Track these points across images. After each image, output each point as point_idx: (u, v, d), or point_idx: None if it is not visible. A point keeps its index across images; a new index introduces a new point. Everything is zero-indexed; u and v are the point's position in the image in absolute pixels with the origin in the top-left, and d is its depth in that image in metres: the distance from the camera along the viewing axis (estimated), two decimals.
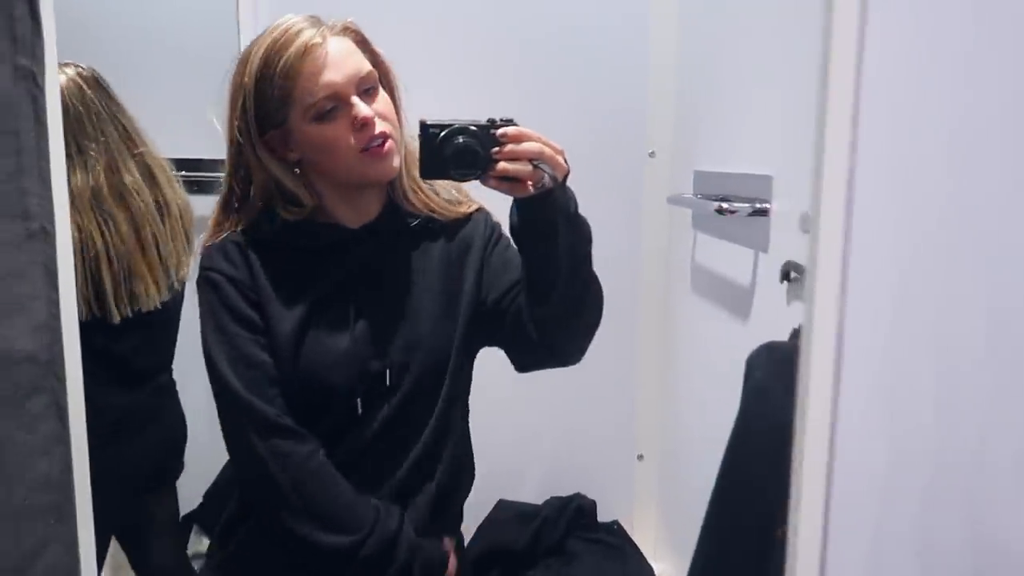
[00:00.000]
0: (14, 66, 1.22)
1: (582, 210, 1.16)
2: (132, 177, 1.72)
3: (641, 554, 1.78)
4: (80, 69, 1.66)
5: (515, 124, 1.00)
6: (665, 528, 1.91)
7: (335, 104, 1.11)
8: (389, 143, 1.13)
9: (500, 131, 0.99)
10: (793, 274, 1.09)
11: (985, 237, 0.61)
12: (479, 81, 1.46)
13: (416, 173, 1.19)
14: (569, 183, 1.07)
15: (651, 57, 1.77)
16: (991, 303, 0.65)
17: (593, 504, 1.88)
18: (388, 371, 1.17)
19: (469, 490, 1.32)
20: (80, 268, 1.63)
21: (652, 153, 1.80)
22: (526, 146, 0.98)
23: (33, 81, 1.24)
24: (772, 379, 0.82)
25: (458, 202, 1.28)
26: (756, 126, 1.35)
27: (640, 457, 1.93)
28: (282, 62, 1.08)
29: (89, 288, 1.67)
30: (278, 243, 1.20)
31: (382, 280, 1.21)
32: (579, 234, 1.06)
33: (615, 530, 1.88)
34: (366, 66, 1.14)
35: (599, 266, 1.65)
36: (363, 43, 1.17)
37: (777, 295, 1.16)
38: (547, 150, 0.99)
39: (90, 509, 1.49)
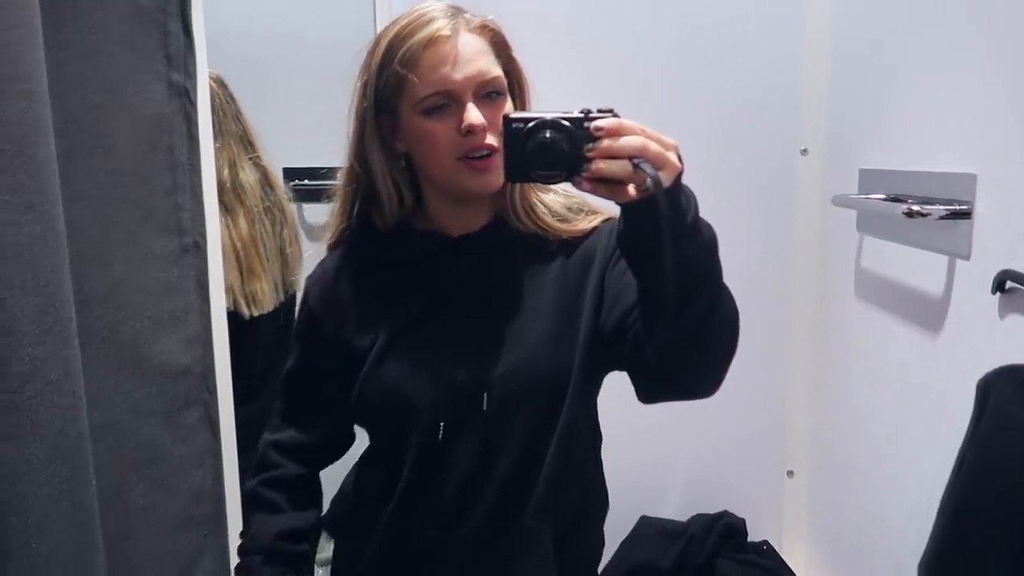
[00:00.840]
0: (168, 83, 1.24)
1: (728, 211, 1.02)
2: (248, 178, 1.75)
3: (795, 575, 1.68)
4: (208, 69, 1.70)
5: (616, 115, 0.83)
6: (817, 548, 1.79)
7: (446, 102, 1.03)
8: (495, 158, 1.03)
9: (594, 124, 0.82)
10: (1010, 283, 0.97)
11: None
12: (622, 78, 1.39)
13: (531, 193, 1.11)
14: (716, 182, 0.92)
15: (804, 44, 1.63)
16: None
17: (743, 522, 1.77)
18: (486, 395, 1.06)
19: (599, 523, 1.22)
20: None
21: (805, 150, 1.69)
22: (625, 141, 0.81)
23: (187, 97, 1.26)
24: (1019, 407, 0.72)
25: (580, 215, 1.14)
26: (942, 119, 1.21)
27: (790, 473, 1.82)
28: (405, 48, 1.02)
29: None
30: (375, 254, 1.16)
31: (485, 296, 1.11)
32: (696, 246, 0.86)
33: (765, 551, 1.77)
34: (493, 70, 1.04)
35: (746, 269, 1.56)
36: (500, 45, 1.07)
37: (983, 307, 1.03)
38: (652, 145, 0.81)
39: (240, 520, 1.52)
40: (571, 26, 1.65)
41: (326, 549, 2.14)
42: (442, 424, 1.07)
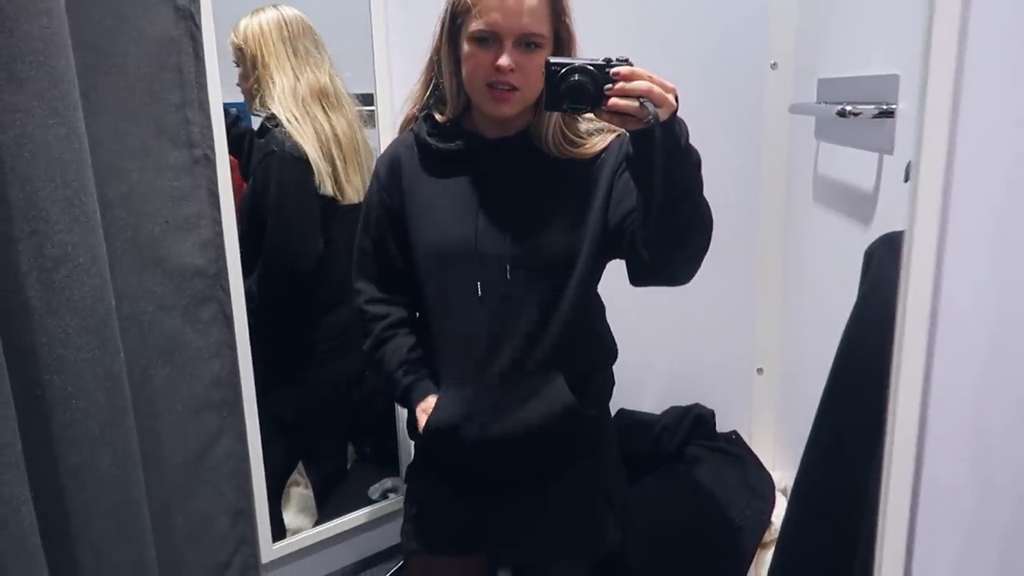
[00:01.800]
0: (175, 6, 1.34)
1: (704, 125, 1.19)
2: (341, 86, 1.90)
3: (760, 462, 1.81)
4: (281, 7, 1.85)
5: (630, 64, 1.07)
6: (783, 439, 1.92)
7: (491, 38, 1.23)
8: (512, 95, 1.25)
9: (614, 70, 1.07)
10: None
11: None
12: (602, 4, 1.46)
13: (567, 130, 1.32)
14: (692, 100, 1.12)
15: None
16: None
17: (711, 414, 1.91)
18: (508, 267, 1.29)
19: (607, 368, 1.44)
20: (319, 151, 1.83)
21: (774, 64, 1.76)
22: (635, 84, 1.05)
23: (192, 20, 1.36)
24: (890, 268, 0.83)
25: (598, 134, 1.36)
26: (880, 25, 1.29)
27: (760, 371, 1.94)
28: None
29: (329, 166, 1.85)
30: (430, 143, 1.36)
31: (511, 187, 1.32)
32: (685, 165, 1.11)
33: (733, 439, 1.90)
34: (537, 26, 1.24)
35: (721, 180, 1.66)
36: (556, 5, 1.26)
37: (901, 198, 1.13)
38: (656, 89, 1.05)
39: (255, 407, 1.69)
40: None
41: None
42: (479, 283, 1.31)
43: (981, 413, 0.62)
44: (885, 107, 1.17)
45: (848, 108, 1.20)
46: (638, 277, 1.28)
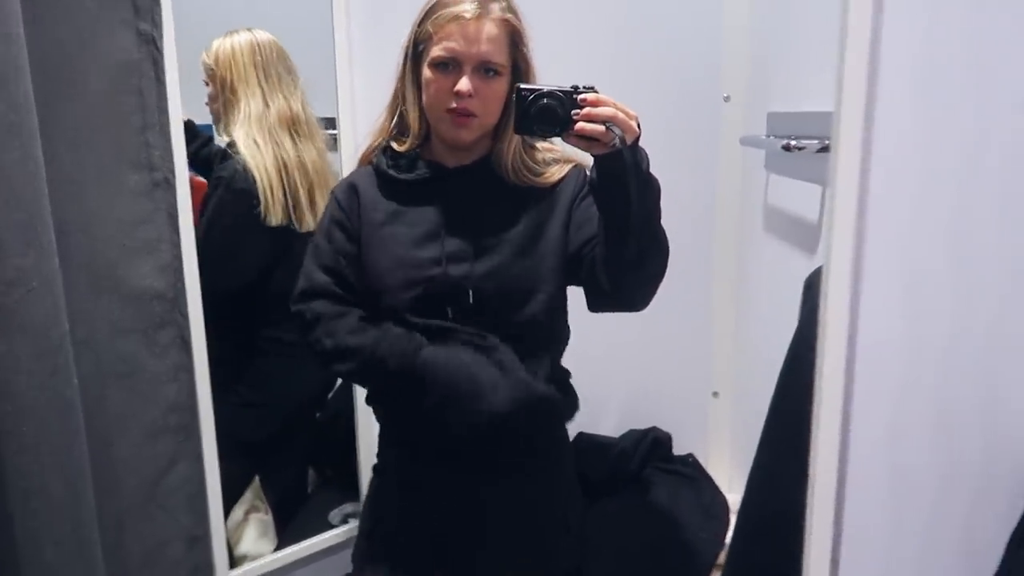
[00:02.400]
0: (137, 31, 1.35)
1: (660, 154, 1.23)
2: (312, 115, 1.90)
3: (715, 484, 1.84)
4: (254, 31, 1.85)
5: (595, 91, 1.12)
6: (739, 462, 1.95)
7: (451, 64, 1.27)
8: (471, 120, 1.28)
9: (581, 96, 1.12)
10: None
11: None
12: (552, 29, 1.50)
13: (526, 156, 1.35)
14: (648, 129, 1.16)
15: (724, 3, 1.77)
16: (1007, 187, 0.67)
17: (668, 437, 1.93)
18: (471, 292, 1.31)
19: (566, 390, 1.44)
20: (279, 180, 1.82)
21: (727, 97, 1.81)
22: (602, 110, 1.10)
23: (154, 45, 1.37)
24: None
25: (555, 165, 1.39)
26: (822, 61, 1.34)
27: (715, 394, 1.98)
28: (438, 15, 1.28)
29: (287, 197, 1.84)
30: (391, 174, 1.38)
31: (472, 213, 1.34)
32: (648, 191, 1.15)
33: (690, 462, 1.93)
34: (496, 56, 1.27)
35: (676, 209, 1.70)
36: (515, 36, 1.30)
37: None
38: (620, 115, 1.10)
39: (212, 430, 1.67)
40: None
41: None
42: (448, 308, 1.32)
43: (897, 430, 0.65)
44: (828, 142, 1.22)
45: (792, 143, 1.25)
46: (596, 303, 1.31)
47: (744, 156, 1.81)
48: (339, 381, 2.07)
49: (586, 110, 1.11)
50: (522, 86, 1.16)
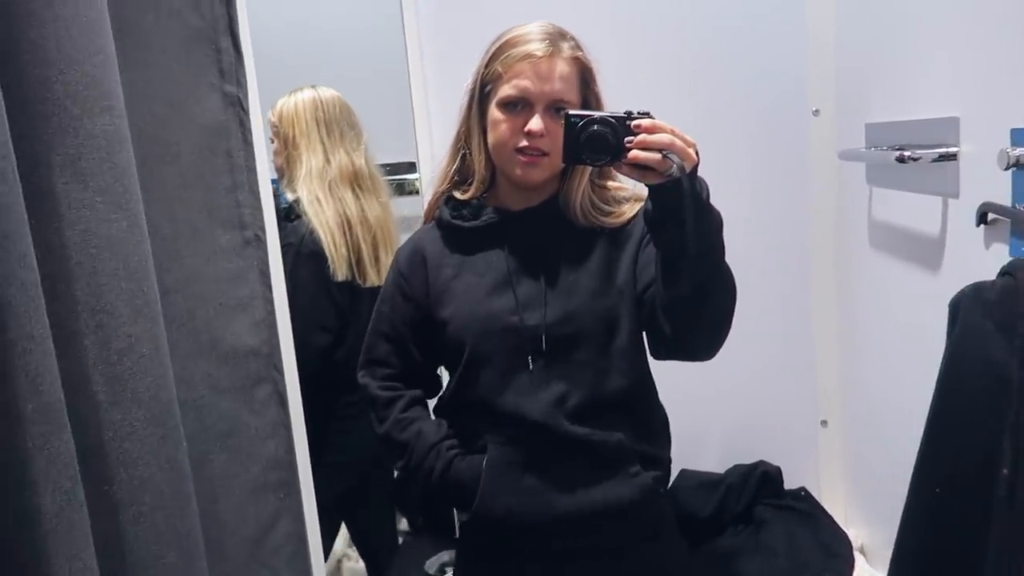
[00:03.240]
0: (223, 93, 1.37)
1: (749, 176, 1.19)
2: (375, 169, 1.93)
3: (833, 519, 1.74)
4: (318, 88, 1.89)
5: (651, 117, 1.06)
6: (855, 494, 1.84)
7: (522, 104, 1.24)
8: (542, 160, 1.25)
9: (635, 122, 1.05)
10: (991, 215, 1.04)
11: None
12: (630, 52, 1.48)
13: (594, 196, 1.32)
14: (733, 149, 1.11)
15: (807, 10, 1.71)
16: None
17: (778, 470, 1.83)
18: (544, 337, 1.26)
19: (663, 442, 1.37)
20: (342, 236, 1.84)
21: (816, 111, 1.75)
22: (657, 137, 1.04)
23: (240, 106, 1.39)
24: (982, 318, 0.80)
25: (627, 203, 1.34)
26: (930, 68, 1.28)
27: (824, 423, 1.88)
28: (508, 54, 1.25)
29: (350, 253, 1.86)
30: (456, 224, 1.35)
31: (542, 256, 1.30)
32: (707, 222, 1.08)
33: (803, 496, 1.83)
34: (567, 94, 1.25)
35: (770, 229, 1.64)
36: (585, 74, 1.28)
37: (972, 241, 1.10)
38: (678, 142, 1.04)
39: (311, 486, 1.66)
40: (597, 9, 1.74)
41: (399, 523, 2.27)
42: (529, 356, 1.28)
43: None
44: (946, 150, 1.15)
45: (907, 153, 1.18)
46: (659, 350, 1.25)
47: (841, 171, 1.73)
48: None
49: (640, 137, 1.04)
50: (571, 112, 1.10)
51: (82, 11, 0.97)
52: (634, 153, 1.05)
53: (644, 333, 1.27)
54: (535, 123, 1.23)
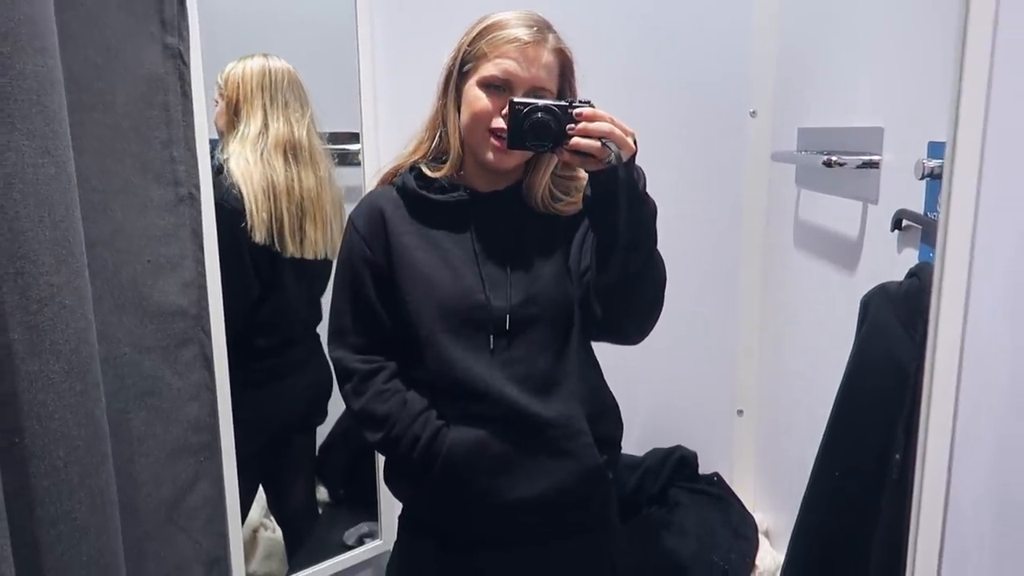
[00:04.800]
0: (163, 45, 1.33)
1: (685, 170, 1.22)
2: (317, 143, 1.90)
3: (742, 504, 1.82)
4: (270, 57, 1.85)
5: (592, 106, 1.09)
6: (764, 481, 1.93)
7: (503, 86, 1.24)
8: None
9: (576, 111, 1.09)
10: (905, 222, 1.10)
11: None
12: (580, 44, 1.49)
13: (555, 189, 1.33)
14: (673, 143, 1.14)
15: (753, 16, 1.76)
16: None
17: (694, 455, 1.91)
18: (508, 317, 1.28)
19: (616, 424, 1.40)
20: (265, 201, 1.81)
21: (754, 112, 1.81)
22: (597, 125, 1.07)
23: (180, 59, 1.35)
24: (888, 315, 0.85)
25: (580, 192, 1.35)
26: (860, 79, 1.34)
27: (740, 412, 1.96)
28: (495, 35, 1.25)
29: (271, 219, 1.83)
30: (424, 195, 1.34)
31: (506, 239, 1.32)
32: (642, 210, 1.11)
33: (715, 481, 1.91)
34: (548, 82, 1.25)
35: (702, 223, 1.69)
36: (565, 69, 1.29)
37: (887, 245, 1.17)
38: (616, 130, 1.07)
39: (233, 450, 1.64)
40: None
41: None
42: (491, 336, 1.28)
43: (1005, 441, 0.63)
44: (869, 158, 1.21)
45: (834, 159, 1.23)
46: (590, 331, 1.29)
47: (772, 171, 1.80)
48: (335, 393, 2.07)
49: (581, 125, 1.08)
50: (515, 100, 1.13)
51: None
52: (574, 140, 1.08)
53: (580, 315, 1.30)
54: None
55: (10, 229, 0.96)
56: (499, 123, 1.23)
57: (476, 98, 1.26)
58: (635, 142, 1.09)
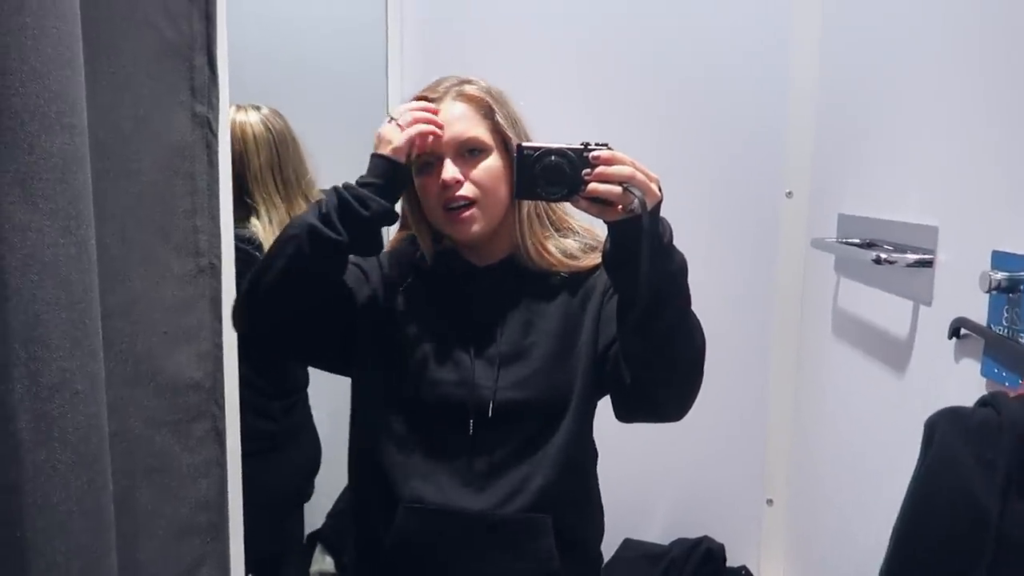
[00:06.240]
0: (192, 113, 1.32)
1: (716, 247, 1.17)
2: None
3: None
4: (265, 111, 1.75)
5: (609, 148, 0.99)
6: (794, 575, 1.85)
7: (432, 160, 1.19)
8: (471, 211, 1.18)
9: (593, 154, 0.98)
10: (963, 331, 1.05)
11: None
12: (618, 123, 1.48)
13: (540, 235, 1.26)
14: (706, 219, 1.08)
15: (790, 97, 1.74)
16: None
17: (721, 548, 1.83)
18: (491, 403, 1.19)
19: (596, 530, 1.32)
20: None
21: (790, 193, 1.77)
22: (617, 169, 0.97)
23: (209, 127, 1.33)
24: (959, 446, 0.79)
25: (591, 253, 1.28)
26: (909, 171, 1.30)
27: (769, 502, 1.88)
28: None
29: None
30: (416, 263, 1.30)
31: (501, 317, 1.24)
32: (671, 265, 1.01)
33: (744, 575, 1.84)
34: (472, 131, 1.20)
35: (734, 305, 1.64)
36: (489, 108, 1.23)
37: (942, 351, 1.11)
38: (639, 175, 0.97)
39: (241, 530, 1.57)
40: (579, 77, 1.75)
41: (320, 562, 2.19)
42: (471, 423, 1.19)
43: None
44: (922, 257, 1.16)
45: (884, 256, 1.18)
46: (623, 408, 1.18)
47: (810, 254, 1.75)
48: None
49: (599, 169, 0.97)
50: (524, 144, 1.03)
51: (52, 21, 0.91)
52: (593, 186, 0.97)
53: (610, 396, 1.21)
54: (445, 172, 1.18)
55: (24, 312, 0.92)
56: (444, 196, 1.19)
57: (420, 188, 1.22)
58: (659, 188, 1.00)
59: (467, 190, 1.18)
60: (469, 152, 1.20)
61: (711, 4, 1.82)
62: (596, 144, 0.99)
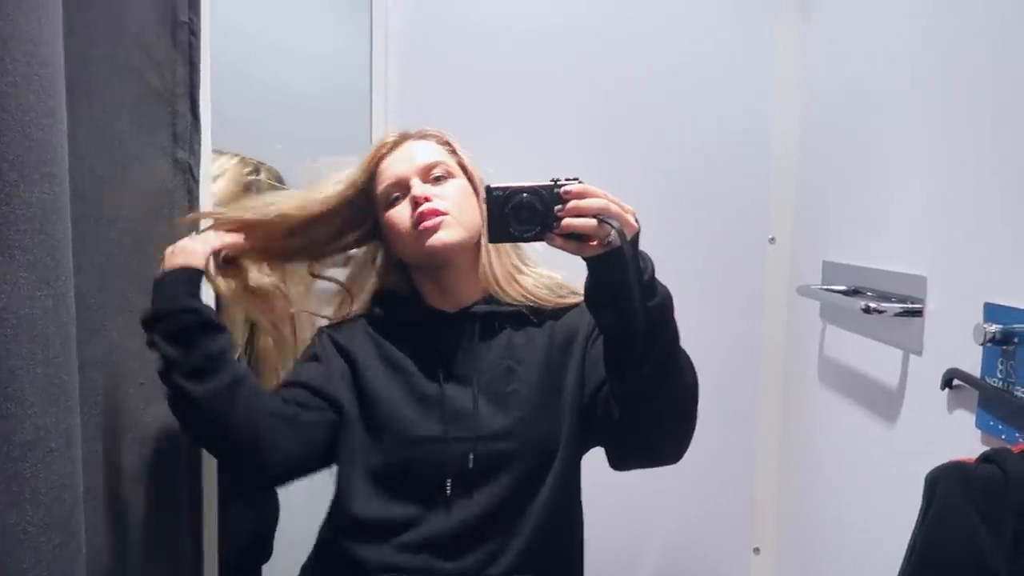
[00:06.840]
0: (173, 159, 1.30)
1: (703, 293, 1.14)
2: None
3: None
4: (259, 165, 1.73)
5: (580, 182, 0.95)
6: None
7: (400, 192, 1.21)
8: (441, 218, 1.17)
9: (563, 188, 0.95)
10: (956, 381, 1.04)
11: None
12: (600, 169, 1.47)
13: (508, 264, 1.25)
14: (688, 266, 1.04)
15: (773, 143, 1.75)
16: None
17: None
18: (472, 456, 1.15)
19: None
20: None
21: (772, 239, 1.78)
22: (589, 201, 0.93)
23: (190, 173, 1.31)
24: (961, 503, 0.78)
25: (565, 295, 1.26)
26: (895, 220, 1.31)
27: (756, 550, 1.86)
28: (368, 168, 1.24)
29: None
30: (388, 319, 1.27)
31: (478, 365, 1.20)
32: (654, 301, 0.96)
33: None
34: (436, 157, 1.22)
35: (718, 352, 1.64)
36: (446, 143, 1.27)
37: (934, 401, 1.11)
38: (612, 205, 0.94)
39: None
40: (564, 118, 1.76)
41: None
42: (449, 481, 1.15)
43: None
44: (911, 306, 1.16)
45: (872, 305, 1.18)
46: (617, 455, 1.13)
47: (795, 300, 1.75)
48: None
49: (572, 203, 0.93)
50: (492, 185, 0.98)
51: (37, 69, 0.89)
52: (567, 221, 0.93)
53: (603, 442, 1.15)
54: (417, 188, 1.18)
55: None
56: (415, 214, 1.17)
57: (390, 222, 1.22)
58: (636, 219, 0.96)
59: (438, 204, 1.18)
60: (435, 179, 1.22)
61: (695, 53, 1.84)
62: (567, 179, 0.96)
